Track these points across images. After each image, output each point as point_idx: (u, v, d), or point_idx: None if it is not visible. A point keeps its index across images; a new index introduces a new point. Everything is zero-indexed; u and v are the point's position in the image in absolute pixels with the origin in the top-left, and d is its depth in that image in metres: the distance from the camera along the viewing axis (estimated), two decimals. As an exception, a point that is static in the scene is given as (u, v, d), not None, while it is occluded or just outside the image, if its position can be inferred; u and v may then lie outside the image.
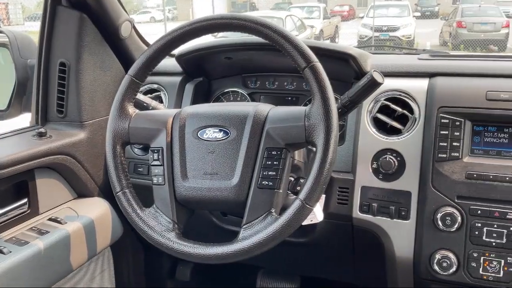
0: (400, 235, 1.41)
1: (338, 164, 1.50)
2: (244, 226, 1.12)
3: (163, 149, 1.21)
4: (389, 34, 15.49)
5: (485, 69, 1.43)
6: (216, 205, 1.22)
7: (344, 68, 1.52)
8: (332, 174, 1.49)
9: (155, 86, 1.77)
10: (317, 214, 1.34)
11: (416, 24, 16.61)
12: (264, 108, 1.20)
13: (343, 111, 1.28)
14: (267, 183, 1.13)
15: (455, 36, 15.01)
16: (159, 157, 1.21)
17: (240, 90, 1.78)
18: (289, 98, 1.74)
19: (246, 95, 1.77)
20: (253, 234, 1.08)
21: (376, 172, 1.43)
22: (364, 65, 1.50)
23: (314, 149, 1.09)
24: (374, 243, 1.47)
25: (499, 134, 1.33)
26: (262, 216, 1.11)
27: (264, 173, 1.14)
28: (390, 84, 1.47)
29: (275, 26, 1.13)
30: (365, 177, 1.44)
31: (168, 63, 1.75)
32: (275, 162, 1.14)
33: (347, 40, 17.13)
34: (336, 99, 1.15)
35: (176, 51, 1.58)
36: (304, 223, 1.40)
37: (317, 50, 1.47)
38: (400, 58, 1.70)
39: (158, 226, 1.16)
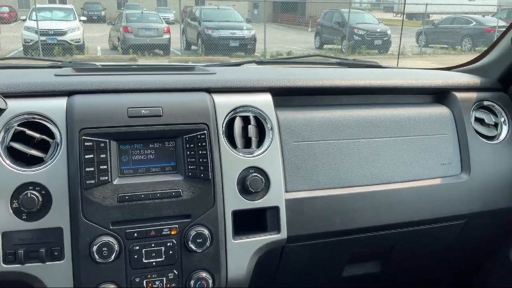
0: (56, 279, 1.23)
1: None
2: None
3: None
4: (57, 38, 14.83)
5: (126, 84, 1.38)
6: None
7: None
8: None
9: None
10: None
11: (85, 28, 16.44)
12: None
13: None
14: None
15: (123, 40, 15.55)
16: None
17: None
18: None
19: None
20: None
21: (18, 212, 1.20)
22: None
23: None
24: None
25: (145, 151, 1.30)
26: None
27: None
28: (22, 106, 1.26)
29: None
30: (4, 220, 1.20)
31: None
32: None
33: (11, 44, 15.52)
34: None
35: None
36: None
37: None
38: (36, 74, 1.49)
39: None
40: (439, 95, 1.74)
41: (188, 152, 1.31)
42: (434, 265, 1.90)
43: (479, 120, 1.69)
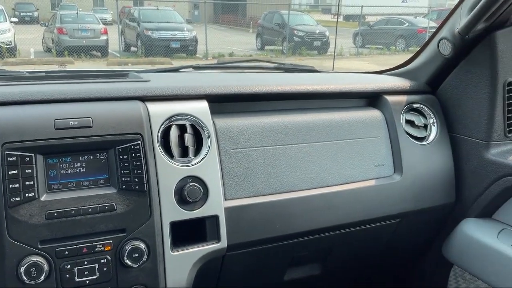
0: None
1: None
2: None
3: None
4: (-16, 41, 14.08)
5: (52, 94, 1.31)
6: None
7: None
8: None
9: None
10: None
11: (16, 30, 15.67)
12: None
13: None
14: None
15: (58, 42, 14.98)
16: None
17: None
18: None
19: None
20: None
21: None
22: None
23: None
24: None
25: (75, 164, 1.24)
26: None
27: None
28: None
29: None
30: None
31: None
32: None
33: None
34: None
35: None
36: None
37: None
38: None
39: None
40: (372, 99, 1.79)
41: (121, 164, 1.26)
42: (371, 264, 1.96)
43: (410, 122, 1.75)
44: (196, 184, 1.35)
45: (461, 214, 1.77)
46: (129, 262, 1.24)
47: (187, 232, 1.38)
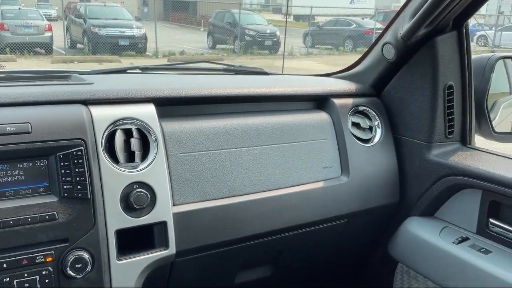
0: None
1: None
2: None
3: None
4: None
5: None
6: None
7: None
8: None
9: None
10: None
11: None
12: None
13: None
14: None
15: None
16: None
17: None
18: None
19: None
20: None
21: None
22: None
23: None
24: None
25: (13, 172, 1.18)
26: None
27: None
28: None
29: None
30: None
31: None
32: None
33: None
34: None
35: None
36: None
37: None
38: None
39: None
40: (319, 102, 1.81)
41: (62, 171, 1.21)
42: (322, 264, 1.99)
43: (356, 124, 1.79)
44: (143, 190, 1.32)
45: (405, 213, 1.82)
46: (72, 273, 1.20)
47: (135, 239, 1.34)
